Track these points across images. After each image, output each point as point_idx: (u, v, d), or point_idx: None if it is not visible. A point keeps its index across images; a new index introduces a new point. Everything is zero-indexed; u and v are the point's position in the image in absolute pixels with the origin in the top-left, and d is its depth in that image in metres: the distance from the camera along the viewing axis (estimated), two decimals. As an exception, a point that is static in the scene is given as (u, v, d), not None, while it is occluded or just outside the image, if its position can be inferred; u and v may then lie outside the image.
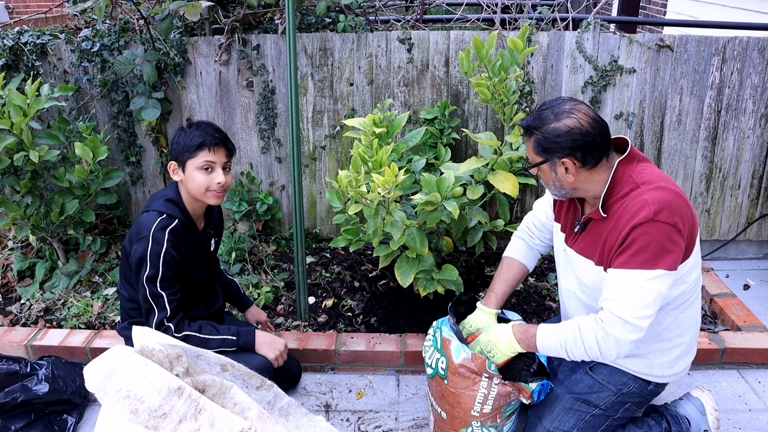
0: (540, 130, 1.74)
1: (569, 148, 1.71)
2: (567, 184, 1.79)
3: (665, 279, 1.64)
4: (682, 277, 1.74)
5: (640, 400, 1.94)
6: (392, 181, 2.12)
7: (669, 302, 1.79)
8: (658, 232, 1.62)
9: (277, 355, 2.20)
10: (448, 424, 2.02)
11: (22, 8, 7.02)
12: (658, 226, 1.62)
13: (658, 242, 1.62)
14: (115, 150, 3.29)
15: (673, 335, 1.85)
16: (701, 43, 2.99)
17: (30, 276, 3.15)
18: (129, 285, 2.19)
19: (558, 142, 1.71)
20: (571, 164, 1.73)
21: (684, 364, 1.92)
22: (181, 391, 1.68)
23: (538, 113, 1.77)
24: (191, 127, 2.05)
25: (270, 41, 3.07)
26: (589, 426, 1.91)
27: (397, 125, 2.48)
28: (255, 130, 3.23)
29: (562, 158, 1.73)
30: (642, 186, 1.69)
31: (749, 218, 3.31)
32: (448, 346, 1.94)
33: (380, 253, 2.45)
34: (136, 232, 2.06)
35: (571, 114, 1.72)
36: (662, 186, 1.68)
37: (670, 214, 1.62)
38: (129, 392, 1.65)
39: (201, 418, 1.67)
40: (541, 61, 3.04)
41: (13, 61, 3.09)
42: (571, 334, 1.75)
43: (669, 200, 1.64)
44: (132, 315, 2.23)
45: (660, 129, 3.15)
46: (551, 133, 1.72)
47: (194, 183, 2.04)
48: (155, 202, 2.11)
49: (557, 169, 1.76)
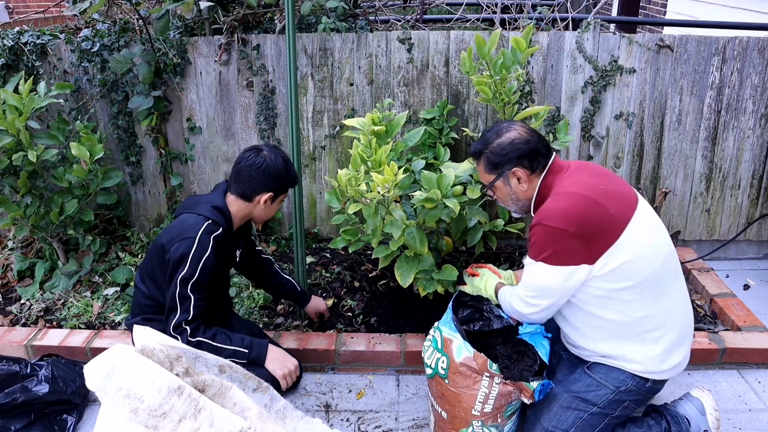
0: (487, 149, 1.96)
1: (516, 157, 1.92)
2: (522, 195, 1.98)
3: (553, 271, 1.82)
4: (618, 270, 1.79)
5: (639, 398, 1.94)
6: (392, 180, 2.12)
7: (620, 293, 1.82)
8: (543, 233, 1.81)
9: (285, 373, 2.22)
10: (449, 424, 2.02)
11: (22, 8, 7.02)
12: (543, 228, 1.81)
13: (543, 241, 1.82)
14: (115, 150, 3.29)
15: (651, 327, 1.86)
16: (701, 43, 3.00)
17: (30, 276, 3.15)
18: (151, 280, 2.18)
19: (505, 154, 1.93)
20: (522, 172, 1.93)
21: (677, 358, 1.91)
22: (181, 390, 1.68)
23: (481, 137, 2.00)
24: (286, 162, 2.15)
25: (270, 41, 3.07)
26: (587, 424, 1.91)
27: (396, 124, 2.48)
28: (255, 130, 3.23)
29: (513, 168, 1.93)
30: (553, 195, 1.88)
31: (749, 218, 3.31)
32: (449, 346, 1.94)
33: (380, 254, 2.44)
34: (179, 232, 2.07)
35: (510, 128, 1.95)
36: (572, 192, 1.83)
37: (559, 219, 1.78)
38: (129, 391, 1.65)
39: (201, 418, 1.67)
40: (541, 61, 3.04)
41: (13, 61, 3.09)
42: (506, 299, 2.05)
43: (562, 208, 1.80)
44: (145, 311, 2.23)
45: (660, 129, 3.15)
46: (497, 148, 1.94)
47: (271, 212, 2.20)
48: (201, 207, 2.12)
49: (510, 181, 1.96)
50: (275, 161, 2.12)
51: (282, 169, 2.13)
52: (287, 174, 2.16)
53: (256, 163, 2.10)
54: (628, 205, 1.85)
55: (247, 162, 2.11)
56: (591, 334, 1.93)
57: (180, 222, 2.11)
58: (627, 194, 1.89)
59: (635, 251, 1.80)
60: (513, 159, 1.92)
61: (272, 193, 2.14)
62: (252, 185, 2.12)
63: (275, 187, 2.14)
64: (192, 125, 3.23)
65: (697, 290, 3.02)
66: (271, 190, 2.13)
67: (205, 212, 2.09)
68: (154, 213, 3.44)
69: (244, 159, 2.12)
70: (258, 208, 2.16)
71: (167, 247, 2.08)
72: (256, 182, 2.11)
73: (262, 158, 2.11)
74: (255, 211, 2.17)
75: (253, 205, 2.15)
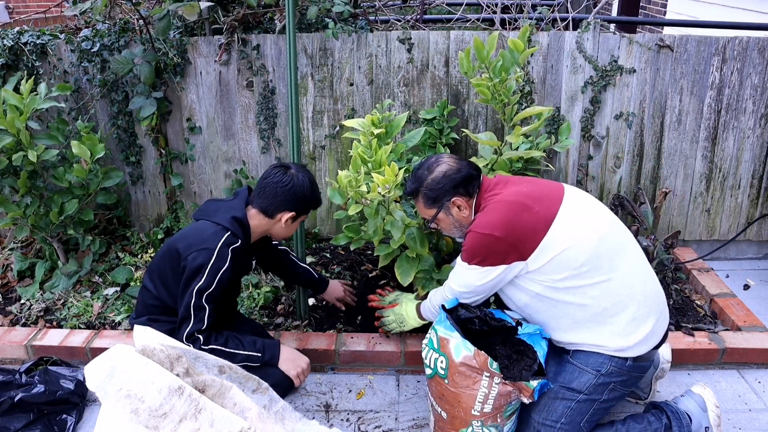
0: (422, 186, 2.06)
1: (452, 187, 2.02)
2: (465, 221, 2.07)
3: (478, 272, 1.96)
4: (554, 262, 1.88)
5: (624, 378, 1.96)
6: (392, 180, 2.12)
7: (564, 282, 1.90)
8: (472, 240, 1.94)
9: (298, 372, 2.23)
10: (449, 424, 2.02)
11: (22, 8, 7.02)
12: (472, 235, 1.94)
13: (475, 247, 1.94)
14: (115, 150, 3.29)
15: (606, 305, 1.91)
16: (701, 43, 3.00)
17: (30, 276, 3.15)
18: (161, 281, 2.18)
19: (441, 188, 2.03)
20: (461, 200, 2.03)
21: (644, 329, 1.93)
22: (181, 390, 1.68)
23: (413, 177, 2.10)
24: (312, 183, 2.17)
25: (270, 41, 3.07)
26: (576, 412, 1.93)
27: (396, 125, 2.48)
28: (255, 130, 3.23)
29: (452, 198, 2.03)
30: (484, 206, 1.99)
31: (749, 218, 3.31)
32: (446, 345, 1.95)
33: (380, 253, 2.45)
34: (198, 240, 2.06)
35: (439, 161, 2.06)
36: (497, 200, 1.96)
37: (485, 227, 1.90)
38: (130, 392, 1.65)
39: (201, 418, 1.67)
40: (541, 61, 3.04)
41: (13, 61, 3.09)
42: (429, 302, 2.24)
43: (491, 217, 1.92)
44: (151, 311, 2.22)
45: (660, 129, 3.15)
46: (432, 183, 2.04)
47: (291, 231, 2.23)
48: (221, 215, 2.11)
49: (452, 211, 2.06)
50: (302, 182, 2.13)
51: (307, 190, 2.15)
52: (311, 196, 2.17)
53: (283, 181, 2.11)
54: (552, 201, 1.93)
55: (273, 179, 2.12)
56: (557, 324, 1.99)
57: (199, 230, 2.10)
58: (551, 191, 1.98)
59: (567, 241, 1.87)
60: (449, 190, 2.02)
61: (294, 213, 2.15)
62: (275, 203, 2.12)
63: (298, 208, 2.15)
64: (192, 125, 3.23)
65: (697, 290, 3.02)
66: (294, 210, 2.14)
67: (225, 222, 2.09)
68: (154, 213, 3.44)
69: (270, 175, 2.13)
70: (278, 226, 2.18)
71: (184, 254, 2.07)
72: (280, 200, 2.12)
73: (289, 177, 2.12)
74: (275, 228, 2.19)
75: (274, 222, 2.16)
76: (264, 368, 2.15)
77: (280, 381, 2.18)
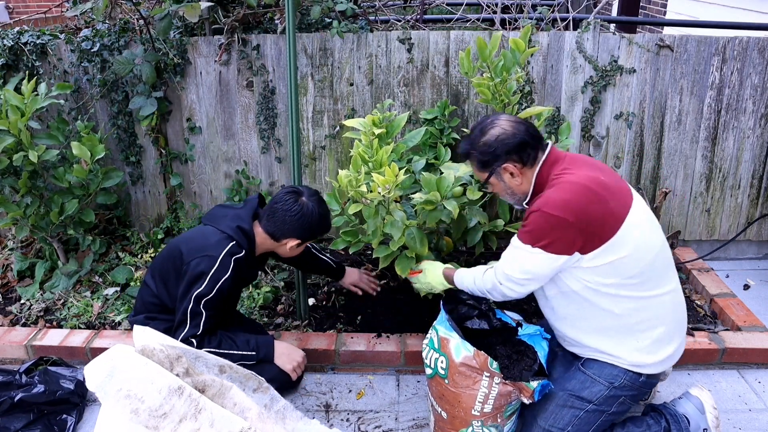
0: (474, 149, 1.95)
1: (504, 153, 1.90)
2: (517, 189, 1.96)
3: (543, 258, 1.82)
4: (610, 266, 1.80)
5: (634, 393, 1.94)
6: (392, 181, 2.12)
7: (610, 288, 1.83)
8: (542, 220, 1.80)
9: (294, 366, 2.26)
10: (449, 424, 2.02)
11: (22, 8, 7.01)
12: (544, 215, 1.79)
13: (541, 228, 1.80)
14: (115, 150, 3.29)
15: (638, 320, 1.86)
16: (701, 43, 3.00)
17: (30, 276, 3.15)
18: (161, 280, 2.19)
19: (492, 152, 1.91)
20: (513, 167, 1.91)
21: (667, 351, 1.91)
22: (181, 390, 1.68)
23: (467, 137, 1.99)
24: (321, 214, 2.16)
25: (270, 41, 3.07)
26: (584, 422, 1.92)
27: (396, 125, 2.48)
28: (255, 130, 3.23)
29: (503, 164, 1.91)
30: (555, 185, 1.84)
31: (749, 218, 3.31)
32: (446, 345, 1.95)
33: (380, 254, 2.45)
34: (203, 246, 2.07)
35: (494, 124, 1.93)
36: (573, 181, 1.82)
37: (560, 208, 1.77)
38: (130, 392, 1.65)
39: (201, 418, 1.67)
40: (541, 61, 3.04)
41: (13, 61, 3.09)
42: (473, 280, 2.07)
43: (564, 198, 1.78)
44: (149, 309, 2.24)
45: (660, 129, 3.15)
46: (483, 147, 1.92)
47: (293, 253, 2.22)
48: (226, 223, 2.11)
49: (503, 177, 1.95)
50: (311, 211, 2.12)
51: (316, 221, 2.14)
52: (319, 226, 2.17)
53: (292, 210, 2.10)
54: (625, 200, 1.84)
55: (284, 206, 2.11)
56: (579, 324, 1.94)
57: (204, 236, 2.12)
58: (624, 189, 1.89)
59: (629, 248, 1.80)
60: (501, 156, 1.90)
61: (300, 240, 2.16)
62: (282, 229, 2.13)
63: (305, 236, 2.16)
64: (192, 125, 3.23)
65: (697, 290, 3.02)
66: (300, 238, 2.15)
67: (230, 231, 2.10)
68: (154, 213, 3.45)
69: (281, 201, 2.12)
70: (283, 249, 2.20)
71: (186, 258, 2.09)
72: (288, 228, 2.12)
73: (299, 206, 2.11)
74: (280, 250, 2.21)
75: (279, 245, 2.18)
76: (260, 364, 2.18)
77: (277, 376, 2.20)
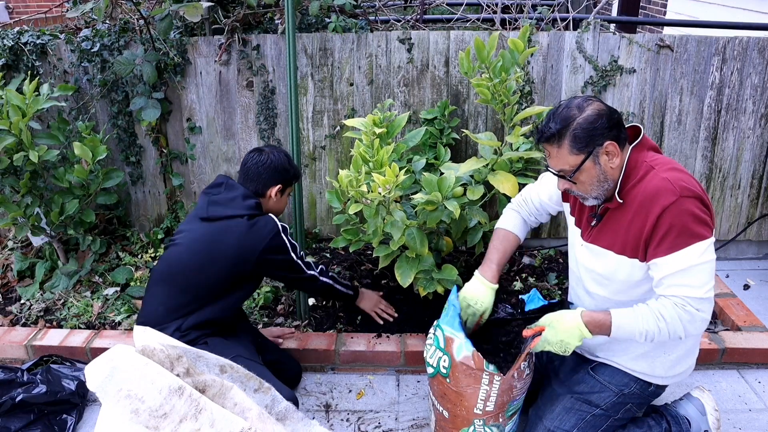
0: (571, 126, 1.69)
1: (607, 129, 1.68)
2: (610, 174, 1.73)
3: (712, 246, 1.64)
4: None
5: (641, 401, 1.94)
6: (393, 181, 2.12)
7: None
8: (689, 208, 1.61)
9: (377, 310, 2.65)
10: (450, 423, 2.02)
11: (22, 8, 7.01)
12: (686, 201, 1.61)
13: (692, 216, 1.61)
14: (115, 150, 3.29)
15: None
16: (701, 43, 3.00)
17: (30, 276, 3.15)
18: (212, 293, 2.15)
19: (596, 128, 1.67)
20: (613, 147, 1.69)
21: (686, 365, 1.91)
22: (181, 391, 1.68)
23: (559, 117, 1.71)
24: (287, 156, 2.31)
25: (270, 41, 3.07)
26: (589, 426, 1.91)
27: (397, 125, 2.48)
28: (255, 130, 3.23)
29: (605, 142, 1.68)
30: (657, 168, 1.68)
31: (749, 218, 3.31)
32: (450, 345, 1.94)
33: (380, 253, 2.45)
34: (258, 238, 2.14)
35: (589, 101, 1.71)
36: (676, 167, 1.70)
37: (692, 189, 1.63)
38: (130, 392, 1.65)
39: (201, 418, 1.67)
40: (541, 61, 3.04)
41: (13, 61, 3.09)
42: (654, 323, 1.67)
43: (686, 179, 1.66)
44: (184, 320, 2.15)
45: (660, 129, 3.15)
46: (585, 123, 1.68)
47: (283, 204, 2.35)
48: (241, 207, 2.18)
49: (601, 159, 1.71)
50: (278, 156, 2.29)
51: (285, 162, 2.30)
52: (291, 166, 2.32)
53: (261, 160, 2.25)
54: None
55: (252, 162, 2.26)
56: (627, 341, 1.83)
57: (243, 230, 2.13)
58: None
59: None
60: (605, 132, 1.68)
61: (281, 185, 2.27)
62: (261, 181, 2.25)
63: (282, 179, 2.28)
64: (192, 125, 3.23)
65: (697, 290, 3.02)
66: (279, 183, 2.27)
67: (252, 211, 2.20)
68: (154, 213, 3.44)
69: (249, 160, 2.28)
70: (271, 202, 2.29)
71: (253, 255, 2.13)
72: (264, 177, 2.25)
73: (265, 156, 2.27)
74: (269, 205, 2.30)
75: (266, 200, 2.28)
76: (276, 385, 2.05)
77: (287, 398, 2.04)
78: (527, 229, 2.19)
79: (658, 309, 1.67)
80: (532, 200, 2.14)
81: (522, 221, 2.15)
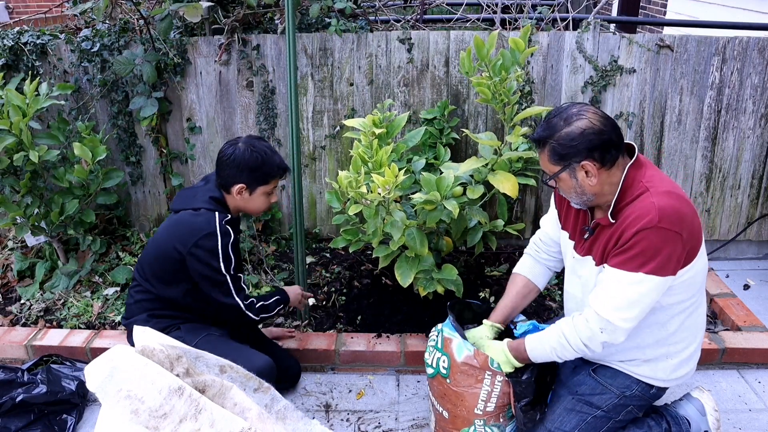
0: (552, 137, 1.71)
1: (586, 149, 1.68)
2: (589, 189, 1.75)
3: (656, 284, 1.65)
4: (687, 281, 1.73)
5: (642, 403, 1.94)
6: (392, 181, 2.12)
7: (675, 306, 1.78)
8: (658, 238, 1.62)
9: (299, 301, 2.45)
10: (450, 423, 2.02)
11: (22, 8, 7.01)
12: (660, 232, 1.62)
13: (657, 248, 1.62)
14: (115, 150, 3.29)
15: (679, 339, 1.85)
16: (701, 43, 2.99)
17: (30, 276, 3.15)
18: (162, 283, 2.17)
19: (574, 146, 1.68)
20: (591, 166, 1.70)
21: (687, 368, 1.91)
22: (181, 391, 1.68)
23: (547, 122, 1.74)
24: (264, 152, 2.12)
25: (270, 41, 3.07)
26: (590, 427, 1.91)
27: (396, 125, 2.48)
28: (255, 130, 3.23)
29: (581, 161, 1.70)
30: (651, 190, 1.68)
31: (749, 218, 3.31)
32: (449, 345, 1.95)
33: (380, 254, 2.45)
34: (193, 231, 2.06)
35: (581, 116, 1.70)
36: (671, 191, 1.68)
37: (676, 221, 1.62)
38: (130, 392, 1.65)
39: (201, 419, 1.67)
40: (541, 61, 3.04)
41: (13, 61, 3.09)
42: (557, 341, 1.79)
43: (676, 208, 1.64)
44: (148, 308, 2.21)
45: (660, 129, 3.15)
46: (565, 138, 1.69)
47: (257, 204, 2.18)
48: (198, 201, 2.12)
49: (577, 174, 1.73)
50: (248, 154, 2.10)
51: (254, 161, 2.10)
52: (262, 166, 2.12)
53: (227, 153, 2.12)
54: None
55: (222, 153, 2.15)
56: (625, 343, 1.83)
57: (188, 221, 2.10)
58: None
59: (702, 262, 1.76)
60: (582, 152, 1.68)
61: (244, 184, 2.13)
62: (225, 176, 2.14)
63: (247, 179, 2.13)
64: (192, 125, 3.23)
65: (697, 290, 3.02)
66: (243, 182, 2.13)
67: (207, 205, 2.12)
68: (154, 213, 3.44)
69: (221, 152, 2.16)
70: (238, 199, 2.17)
71: (185, 248, 2.07)
72: (228, 173, 2.13)
73: (232, 149, 2.12)
74: (236, 202, 2.18)
75: (232, 197, 2.17)
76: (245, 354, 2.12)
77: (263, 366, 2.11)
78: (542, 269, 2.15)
79: (562, 328, 1.79)
80: (540, 237, 2.16)
81: (532, 261, 2.16)
